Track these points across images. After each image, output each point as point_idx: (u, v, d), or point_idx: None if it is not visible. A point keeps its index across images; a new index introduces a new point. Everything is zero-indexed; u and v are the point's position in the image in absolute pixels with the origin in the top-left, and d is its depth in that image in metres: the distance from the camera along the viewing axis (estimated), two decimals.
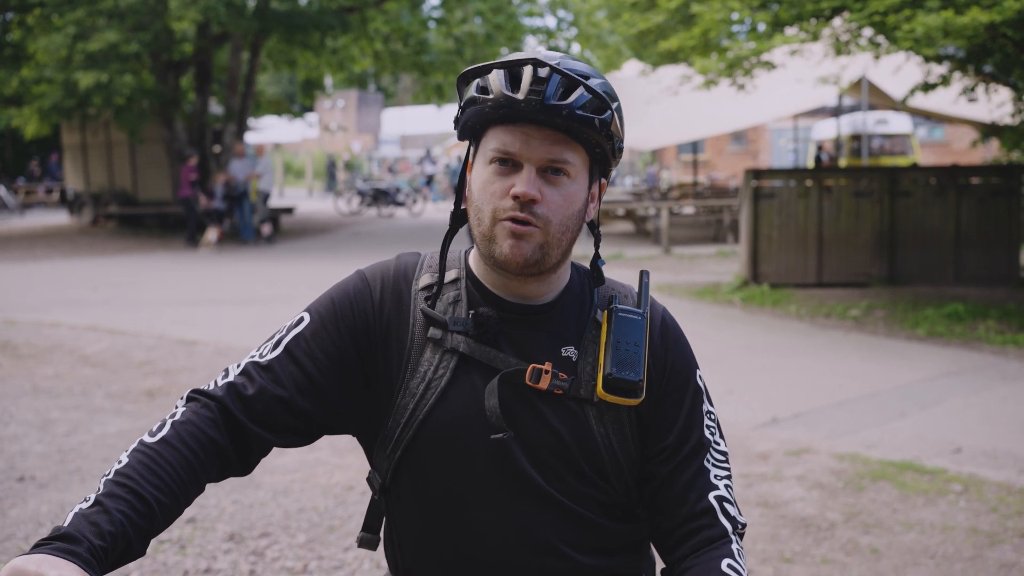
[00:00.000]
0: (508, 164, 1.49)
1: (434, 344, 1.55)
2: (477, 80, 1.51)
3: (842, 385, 7.49)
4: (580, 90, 1.46)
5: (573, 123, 1.46)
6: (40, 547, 1.26)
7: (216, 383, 1.54)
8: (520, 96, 1.45)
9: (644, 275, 1.64)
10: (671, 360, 1.61)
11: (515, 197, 1.47)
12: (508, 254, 1.49)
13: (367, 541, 1.67)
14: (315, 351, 1.55)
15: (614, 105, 1.51)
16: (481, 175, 1.52)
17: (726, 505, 1.55)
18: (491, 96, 1.47)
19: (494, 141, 1.50)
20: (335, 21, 19.61)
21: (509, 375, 1.52)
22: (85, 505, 1.34)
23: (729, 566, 1.48)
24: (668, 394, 1.59)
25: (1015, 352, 8.65)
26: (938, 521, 4.71)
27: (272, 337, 1.59)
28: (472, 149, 1.57)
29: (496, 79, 1.48)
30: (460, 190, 1.60)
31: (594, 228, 1.64)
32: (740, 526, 1.56)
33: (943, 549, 4.39)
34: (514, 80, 1.47)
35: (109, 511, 1.33)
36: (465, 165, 1.59)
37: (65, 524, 1.30)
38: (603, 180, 1.60)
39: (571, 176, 1.50)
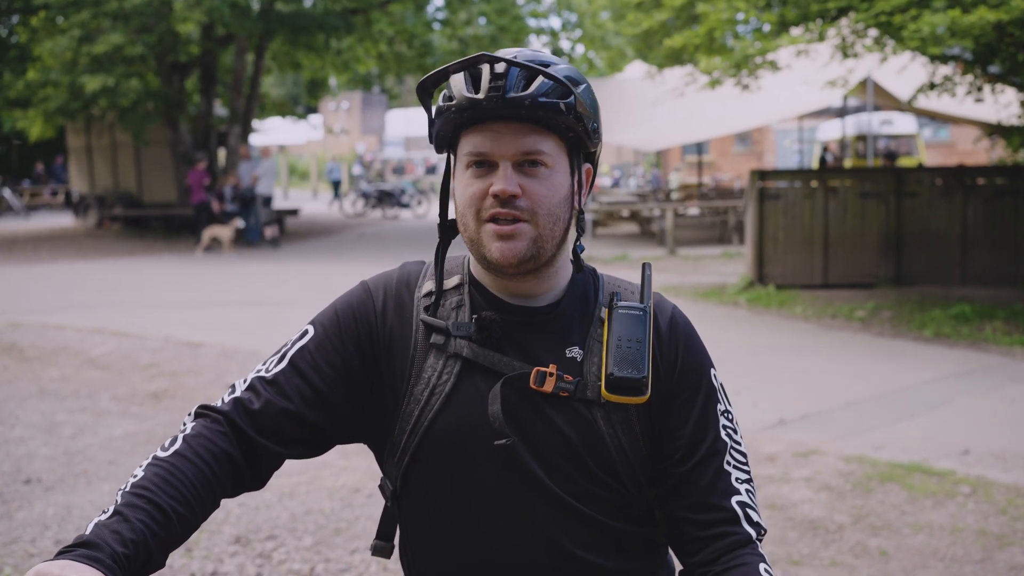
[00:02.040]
0: (484, 165, 1.48)
1: (437, 350, 1.54)
2: (444, 91, 1.50)
3: (849, 386, 7.46)
4: (540, 78, 1.45)
5: (538, 111, 1.44)
6: (63, 554, 1.25)
7: (223, 399, 1.54)
8: (481, 96, 1.44)
9: (646, 268, 1.62)
10: (681, 357, 1.58)
11: (495, 196, 1.46)
12: (498, 257, 1.48)
13: (381, 549, 1.66)
14: (320, 363, 1.55)
15: (580, 87, 1.48)
16: (461, 181, 1.51)
17: (749, 511, 1.52)
18: (455, 102, 1.46)
19: (467, 146, 1.49)
20: (340, 23, 19.63)
21: (513, 379, 1.51)
22: (104, 516, 1.33)
23: (765, 570, 1.47)
24: (679, 392, 1.56)
25: (1022, 353, 8.62)
26: (947, 523, 4.69)
27: (278, 351, 1.59)
28: (452, 159, 1.56)
29: (457, 83, 1.47)
30: (444, 201, 1.60)
31: (580, 216, 1.60)
32: (763, 532, 1.53)
33: (952, 551, 4.37)
34: (475, 81, 1.46)
35: (129, 520, 1.32)
36: (447, 176, 1.58)
37: (87, 533, 1.30)
38: (588, 165, 1.58)
39: (549, 166, 1.48)
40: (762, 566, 1.47)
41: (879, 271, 12.41)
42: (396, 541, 1.68)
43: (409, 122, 57.79)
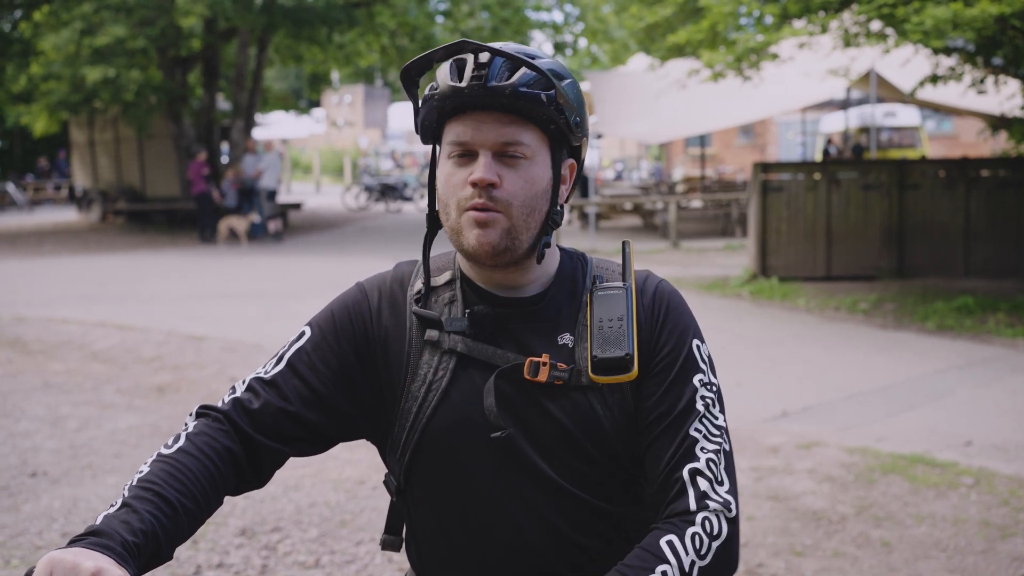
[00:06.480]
0: (466, 155, 1.49)
1: (432, 346, 1.56)
2: (432, 81, 1.52)
3: (852, 378, 7.47)
4: (523, 69, 1.46)
5: (518, 101, 1.45)
6: (74, 543, 1.27)
7: (223, 400, 1.57)
8: (463, 84, 1.45)
9: (625, 246, 1.62)
10: (659, 329, 1.56)
11: (473, 184, 1.47)
12: (475, 244, 1.48)
13: (390, 543, 1.69)
14: (317, 363, 1.57)
15: (564, 82, 1.49)
16: (444, 170, 1.53)
17: (699, 480, 1.46)
18: (438, 90, 1.48)
19: (450, 135, 1.51)
20: (342, 16, 19.62)
21: (507, 371, 1.52)
22: (113, 508, 1.35)
23: (668, 543, 1.41)
24: (656, 363, 1.54)
25: None
26: (949, 514, 4.70)
27: (276, 353, 1.62)
28: (437, 151, 1.57)
29: (442, 73, 1.49)
30: (432, 192, 1.60)
31: (557, 212, 1.56)
32: (713, 504, 1.45)
33: (954, 542, 4.39)
34: (460, 70, 1.48)
35: (138, 511, 1.34)
36: (432, 168, 1.59)
37: (97, 523, 1.32)
38: (571, 161, 1.58)
39: (529, 157, 1.49)
40: (666, 539, 1.41)
41: (882, 263, 12.40)
42: (404, 534, 1.70)
43: (412, 115, 57.71)
